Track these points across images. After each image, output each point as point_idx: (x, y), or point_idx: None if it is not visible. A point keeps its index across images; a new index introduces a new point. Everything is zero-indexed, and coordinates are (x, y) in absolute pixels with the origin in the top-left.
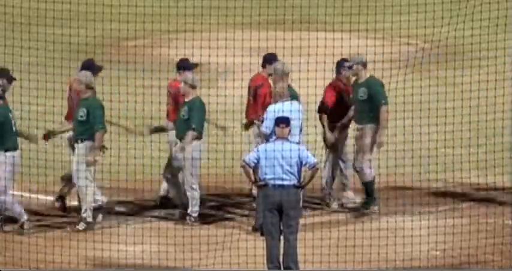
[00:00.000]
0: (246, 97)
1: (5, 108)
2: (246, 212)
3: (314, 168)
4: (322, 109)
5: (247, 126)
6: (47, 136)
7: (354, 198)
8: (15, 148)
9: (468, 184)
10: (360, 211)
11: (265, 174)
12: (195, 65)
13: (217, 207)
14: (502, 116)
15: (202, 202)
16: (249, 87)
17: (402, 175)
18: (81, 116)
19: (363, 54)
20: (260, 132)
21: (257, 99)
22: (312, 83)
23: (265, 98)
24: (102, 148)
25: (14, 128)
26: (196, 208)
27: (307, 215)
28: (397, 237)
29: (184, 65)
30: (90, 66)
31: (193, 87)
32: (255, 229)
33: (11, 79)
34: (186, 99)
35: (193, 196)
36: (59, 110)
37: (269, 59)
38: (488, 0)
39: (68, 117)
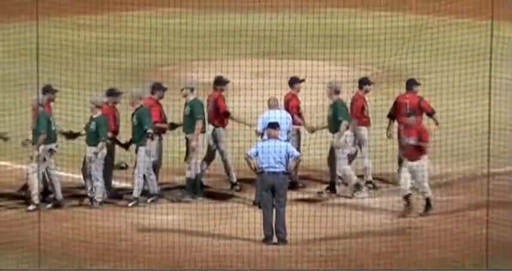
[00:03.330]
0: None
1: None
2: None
3: (297, 159)
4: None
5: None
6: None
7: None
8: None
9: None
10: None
11: (262, 163)
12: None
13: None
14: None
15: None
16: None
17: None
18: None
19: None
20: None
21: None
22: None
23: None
24: None
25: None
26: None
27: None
28: (358, 210)
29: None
30: (221, 80)
31: (40, 105)
32: (254, 204)
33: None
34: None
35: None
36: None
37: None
38: (424, 38)
39: None
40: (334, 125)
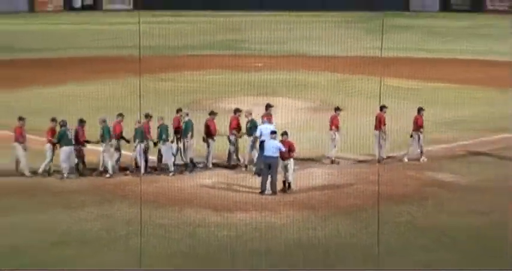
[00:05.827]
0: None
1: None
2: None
3: (281, 150)
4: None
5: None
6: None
7: None
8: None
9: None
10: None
11: (264, 152)
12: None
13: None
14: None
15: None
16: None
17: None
18: None
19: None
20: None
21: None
22: (277, 120)
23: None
24: None
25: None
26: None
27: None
28: (312, 176)
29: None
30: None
31: (103, 121)
32: (255, 173)
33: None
34: None
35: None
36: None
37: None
38: (344, 86)
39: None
40: (250, 133)
